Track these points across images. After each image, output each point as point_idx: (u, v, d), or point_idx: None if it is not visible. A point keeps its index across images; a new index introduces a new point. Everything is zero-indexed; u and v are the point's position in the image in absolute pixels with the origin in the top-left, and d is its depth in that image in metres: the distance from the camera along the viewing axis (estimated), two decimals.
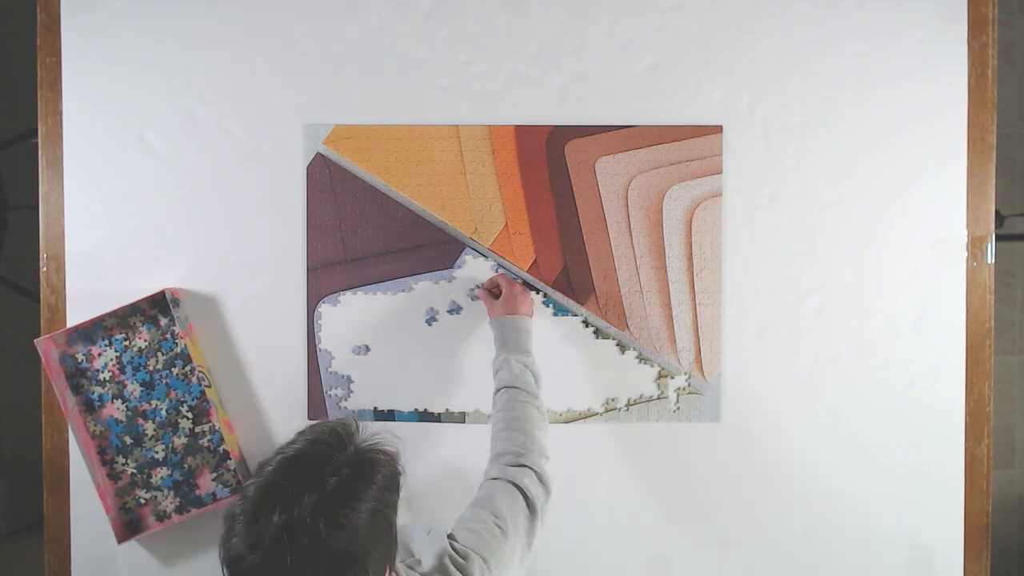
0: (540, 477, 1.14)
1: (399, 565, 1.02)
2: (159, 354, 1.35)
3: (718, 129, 1.37)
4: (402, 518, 1.24)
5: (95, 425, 1.35)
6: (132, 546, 1.34)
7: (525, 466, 1.14)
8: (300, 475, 0.87)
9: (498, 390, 1.22)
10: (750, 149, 1.37)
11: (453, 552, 1.03)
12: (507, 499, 1.10)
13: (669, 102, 1.37)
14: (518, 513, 1.10)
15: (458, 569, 1.01)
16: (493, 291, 1.33)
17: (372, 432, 0.95)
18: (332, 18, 1.37)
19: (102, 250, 1.37)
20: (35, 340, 1.32)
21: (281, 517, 0.83)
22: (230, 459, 1.34)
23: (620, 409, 1.38)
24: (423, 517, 1.25)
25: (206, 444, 1.35)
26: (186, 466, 1.35)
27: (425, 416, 1.37)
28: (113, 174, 1.37)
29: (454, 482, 1.34)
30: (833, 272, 1.37)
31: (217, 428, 1.35)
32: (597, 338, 1.38)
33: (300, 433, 0.95)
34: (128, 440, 1.35)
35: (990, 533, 1.37)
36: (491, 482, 1.13)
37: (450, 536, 1.06)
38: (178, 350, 1.35)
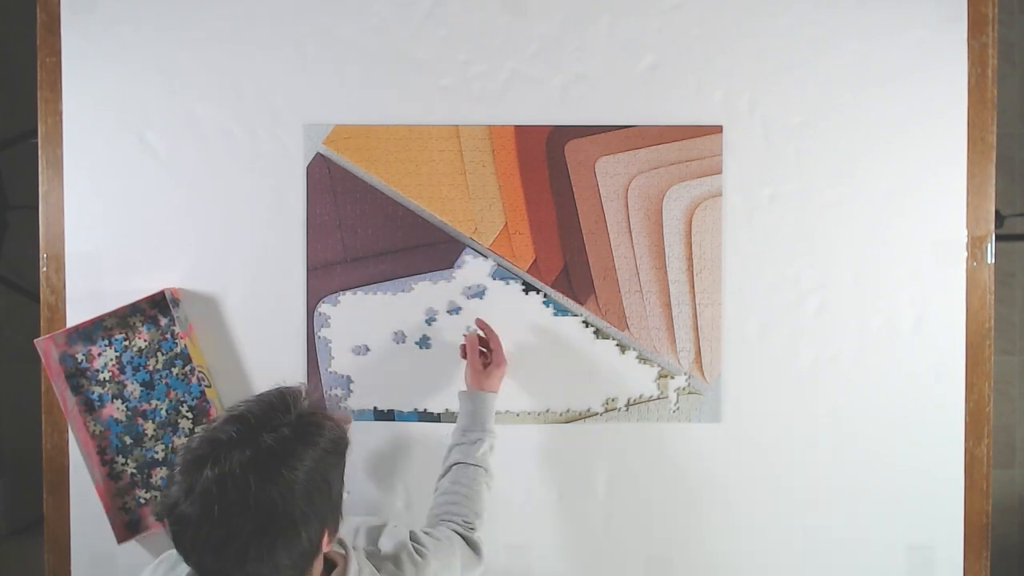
0: (477, 548, 1.18)
1: (361, 550, 1.04)
2: (159, 354, 1.35)
3: (718, 129, 1.37)
4: (394, 518, 1.26)
5: (95, 425, 1.35)
6: (132, 546, 1.34)
7: (472, 532, 1.18)
8: (240, 430, 0.89)
9: (460, 463, 1.23)
10: (750, 149, 1.37)
11: (412, 549, 1.08)
12: (456, 540, 1.16)
13: (669, 102, 1.37)
14: (463, 551, 1.15)
15: (413, 564, 1.06)
16: (481, 345, 1.33)
17: (321, 399, 0.97)
18: (332, 18, 1.37)
19: (102, 250, 1.37)
20: (35, 340, 1.32)
21: (214, 469, 0.86)
22: None
23: (620, 409, 1.38)
24: (423, 517, 1.25)
25: None
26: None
27: (425, 416, 1.37)
28: (113, 174, 1.37)
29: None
30: (833, 272, 1.37)
31: None
32: (597, 338, 1.38)
33: (251, 396, 0.97)
34: (128, 440, 1.35)
35: (990, 533, 1.37)
36: (441, 525, 1.18)
37: (413, 536, 1.11)
38: (178, 350, 1.35)
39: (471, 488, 1.21)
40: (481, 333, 1.34)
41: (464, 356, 1.33)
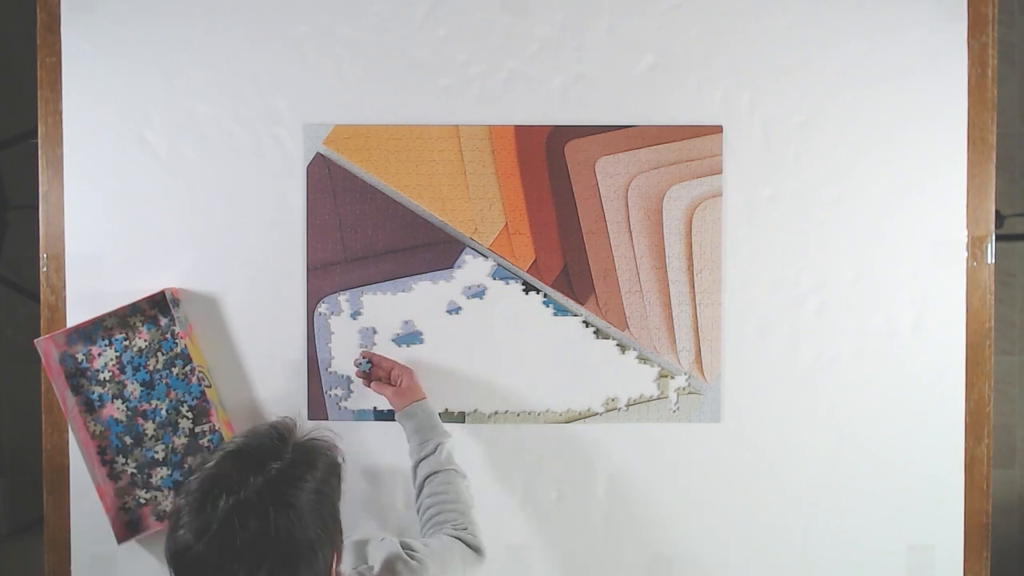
0: (478, 549, 1.16)
1: (352, 572, 1.03)
2: (159, 354, 1.35)
3: (718, 129, 1.37)
4: (395, 519, 1.26)
5: (95, 425, 1.35)
6: (132, 546, 1.34)
7: (467, 533, 1.17)
8: (243, 463, 0.89)
9: (429, 475, 1.22)
10: (750, 149, 1.37)
11: (404, 555, 1.06)
12: (451, 542, 1.14)
13: (669, 102, 1.37)
14: (462, 552, 1.14)
15: (411, 571, 1.04)
16: (381, 375, 1.32)
17: (310, 428, 0.99)
18: (332, 18, 1.37)
19: (102, 250, 1.37)
20: (35, 340, 1.32)
21: (228, 501, 0.84)
22: None
23: (620, 409, 1.38)
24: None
25: (206, 444, 1.35)
26: (186, 466, 1.35)
27: None
28: (113, 174, 1.37)
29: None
30: (833, 272, 1.37)
31: (217, 428, 1.35)
32: (597, 338, 1.38)
33: (239, 434, 0.98)
34: (128, 440, 1.35)
35: (990, 533, 1.37)
36: (434, 536, 1.16)
37: (404, 544, 1.09)
38: (178, 350, 1.35)
39: (449, 493, 1.20)
40: (368, 366, 1.33)
41: (375, 386, 1.32)
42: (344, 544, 1.11)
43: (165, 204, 1.37)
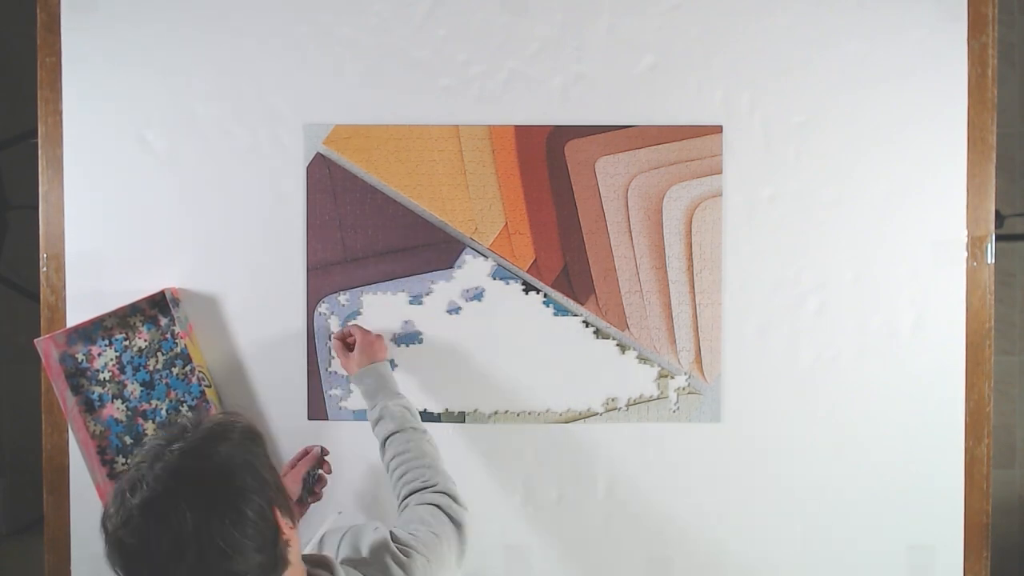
0: (455, 498, 1.15)
1: (343, 560, 1.02)
2: (159, 354, 1.36)
3: (718, 129, 1.37)
4: (393, 516, 1.25)
5: (95, 425, 1.35)
6: None
7: (439, 492, 1.15)
8: (157, 448, 0.87)
9: (386, 438, 1.21)
10: (750, 149, 1.37)
11: (394, 547, 1.04)
12: (431, 516, 1.11)
13: (669, 102, 1.37)
14: (444, 526, 1.11)
15: (398, 565, 1.02)
16: (348, 341, 1.32)
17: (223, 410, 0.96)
18: (332, 18, 1.37)
19: (102, 250, 1.37)
20: (35, 340, 1.32)
21: (136, 497, 0.83)
22: None
23: (620, 409, 1.38)
24: None
25: None
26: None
27: (425, 416, 1.37)
28: (113, 174, 1.37)
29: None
30: (833, 272, 1.37)
31: None
32: (597, 338, 1.38)
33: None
34: (128, 440, 1.35)
35: (990, 533, 1.37)
36: (411, 509, 1.13)
37: (394, 537, 1.06)
38: (178, 350, 1.35)
39: (412, 451, 1.18)
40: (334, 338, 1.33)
41: (335, 351, 1.32)
42: (344, 536, 1.10)
43: (165, 204, 1.37)
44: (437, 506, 1.13)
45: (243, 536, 0.84)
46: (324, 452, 1.33)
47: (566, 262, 1.38)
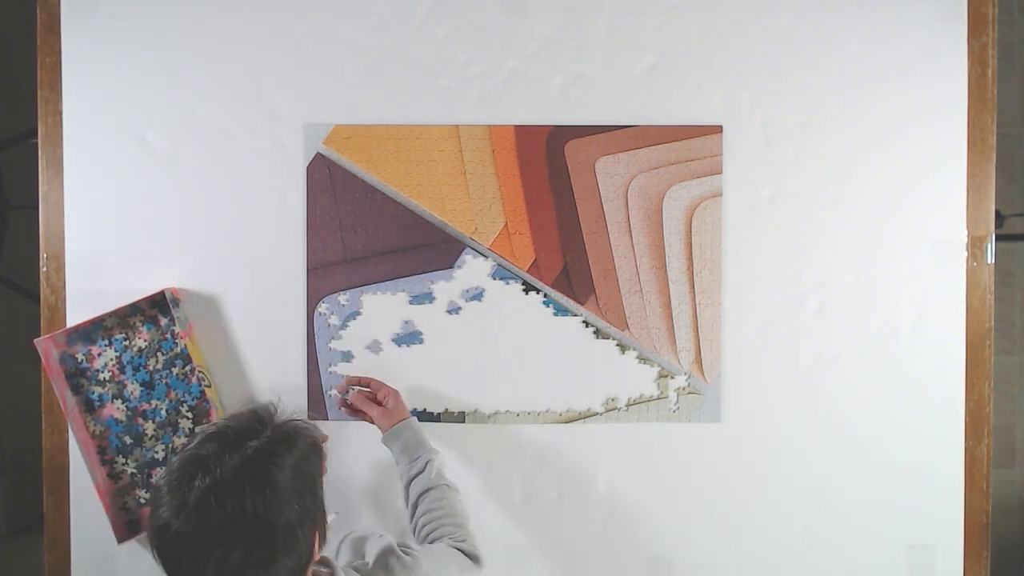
0: (477, 560, 1.16)
1: (346, 566, 1.04)
2: (159, 354, 1.35)
3: (718, 129, 1.37)
4: (395, 520, 1.26)
5: (95, 425, 1.35)
6: (132, 546, 1.34)
7: (464, 541, 1.17)
8: (222, 443, 0.90)
9: (422, 493, 1.21)
10: (750, 149, 1.37)
11: (400, 552, 1.07)
12: (448, 549, 1.15)
13: (669, 102, 1.37)
14: (459, 559, 1.14)
15: (404, 567, 1.05)
16: (368, 396, 1.32)
17: (292, 411, 1.00)
18: (332, 18, 1.37)
19: (102, 250, 1.37)
20: (35, 340, 1.32)
21: (204, 480, 0.86)
22: None
23: (620, 409, 1.38)
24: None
25: None
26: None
27: (424, 416, 1.37)
28: (113, 174, 1.37)
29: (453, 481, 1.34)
30: (833, 272, 1.37)
31: None
32: (597, 338, 1.38)
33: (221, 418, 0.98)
34: (128, 440, 1.35)
35: (990, 533, 1.37)
36: (433, 546, 1.16)
37: (401, 544, 1.09)
38: (178, 350, 1.35)
39: (444, 508, 1.19)
40: (356, 389, 1.33)
41: (354, 414, 1.32)
42: (344, 540, 1.12)
43: (165, 204, 1.37)
44: (458, 550, 1.15)
45: (286, 556, 0.87)
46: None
47: (566, 262, 1.38)
